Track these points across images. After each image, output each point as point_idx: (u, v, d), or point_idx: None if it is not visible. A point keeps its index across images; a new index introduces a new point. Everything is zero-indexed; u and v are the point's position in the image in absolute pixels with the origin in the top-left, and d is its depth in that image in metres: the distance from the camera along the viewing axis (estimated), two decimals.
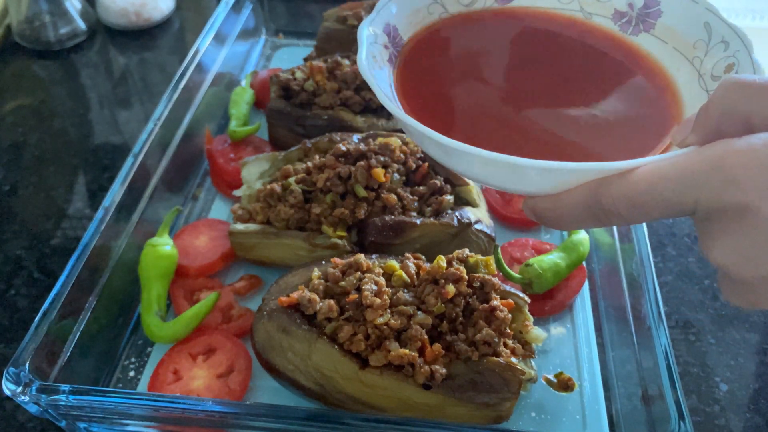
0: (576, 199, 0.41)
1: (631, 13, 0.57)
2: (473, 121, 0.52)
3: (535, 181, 0.43)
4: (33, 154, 1.06)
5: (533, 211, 0.45)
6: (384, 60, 0.53)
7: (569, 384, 0.68)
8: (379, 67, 0.52)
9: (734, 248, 0.36)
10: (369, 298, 0.63)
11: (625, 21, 0.57)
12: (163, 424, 0.64)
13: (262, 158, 0.87)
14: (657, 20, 0.56)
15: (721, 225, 0.37)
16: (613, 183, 0.39)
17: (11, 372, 0.60)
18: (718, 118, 0.38)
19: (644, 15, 0.57)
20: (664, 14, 0.55)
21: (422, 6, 0.57)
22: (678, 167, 0.37)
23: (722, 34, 0.50)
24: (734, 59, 0.49)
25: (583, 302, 0.81)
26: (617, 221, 0.41)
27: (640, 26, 0.57)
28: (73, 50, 1.29)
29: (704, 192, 0.36)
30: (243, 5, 1.19)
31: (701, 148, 0.38)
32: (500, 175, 0.43)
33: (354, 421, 0.58)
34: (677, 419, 0.58)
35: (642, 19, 0.57)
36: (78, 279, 0.69)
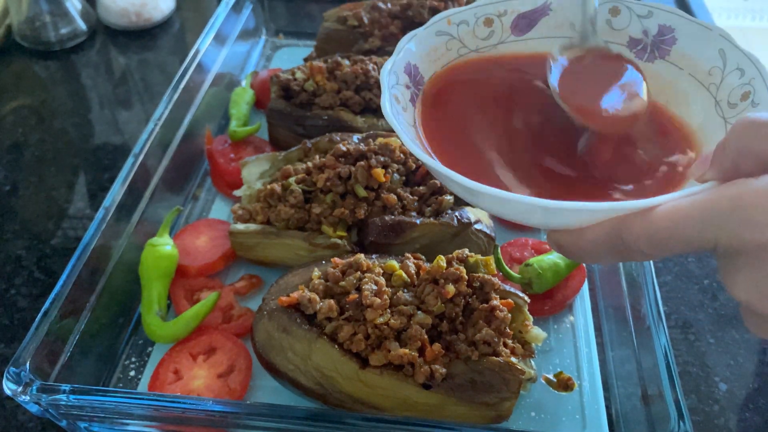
0: (599, 236, 0.43)
1: (646, 40, 0.58)
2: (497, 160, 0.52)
3: (560, 219, 0.44)
4: (33, 154, 1.06)
5: (556, 244, 0.46)
6: (407, 100, 0.54)
7: (569, 384, 0.68)
8: (403, 108, 0.53)
9: (755, 285, 0.37)
10: (369, 298, 0.63)
11: (640, 48, 0.58)
12: (164, 424, 0.64)
13: (263, 158, 0.87)
14: (672, 47, 0.56)
15: (741, 262, 0.38)
16: (634, 221, 0.40)
17: (12, 372, 0.60)
18: (735, 156, 0.39)
19: (659, 42, 0.57)
20: (679, 41, 0.56)
21: (440, 43, 0.58)
22: (698, 207, 0.38)
23: (737, 61, 0.51)
24: (750, 87, 0.50)
25: (583, 302, 0.81)
26: (639, 257, 0.42)
27: (656, 53, 0.57)
28: (74, 50, 1.29)
29: (724, 231, 0.37)
30: (243, 5, 1.19)
31: (720, 186, 0.39)
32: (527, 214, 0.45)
33: (354, 421, 0.58)
34: (677, 419, 0.58)
35: (657, 46, 0.57)
36: (78, 279, 0.69)
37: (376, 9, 1.07)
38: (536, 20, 0.60)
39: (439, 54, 0.58)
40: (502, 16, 0.60)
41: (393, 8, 1.06)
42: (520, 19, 0.60)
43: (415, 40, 0.56)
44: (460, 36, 0.59)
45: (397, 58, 0.54)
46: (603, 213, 0.42)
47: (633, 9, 0.58)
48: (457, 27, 0.59)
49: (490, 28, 0.60)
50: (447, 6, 1.03)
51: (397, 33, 1.04)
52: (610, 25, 0.59)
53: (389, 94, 0.51)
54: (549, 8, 0.60)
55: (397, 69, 0.54)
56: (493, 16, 0.59)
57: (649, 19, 0.57)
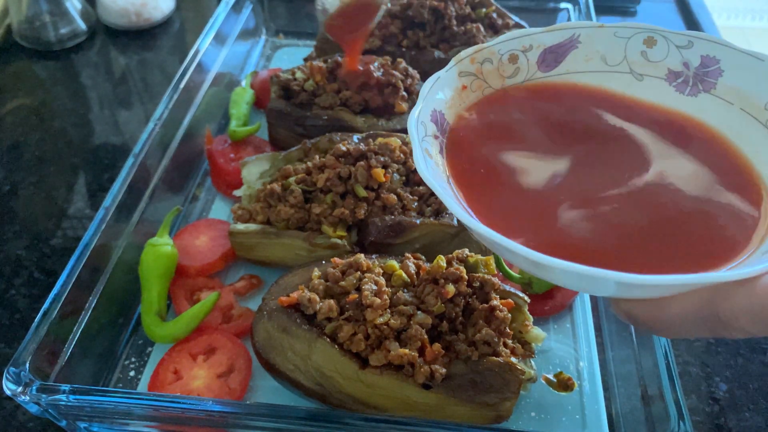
0: (686, 309, 0.38)
1: (687, 72, 0.54)
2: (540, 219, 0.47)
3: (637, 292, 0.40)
4: (33, 154, 1.06)
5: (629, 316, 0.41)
6: (436, 152, 0.50)
7: (569, 384, 0.68)
8: (435, 162, 0.49)
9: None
10: (369, 298, 0.63)
11: (681, 81, 0.54)
12: (164, 424, 0.64)
13: (262, 158, 0.87)
14: (718, 80, 0.52)
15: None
16: (732, 294, 0.36)
17: (12, 372, 0.60)
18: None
19: (702, 74, 0.53)
20: (726, 73, 0.52)
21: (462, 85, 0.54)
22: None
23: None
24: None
25: (583, 302, 0.81)
26: (738, 334, 0.37)
27: (699, 86, 0.53)
28: (74, 50, 1.29)
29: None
30: (243, 5, 1.19)
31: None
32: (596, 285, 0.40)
33: (354, 421, 0.58)
34: (677, 419, 0.58)
35: (700, 78, 0.53)
36: (78, 279, 0.69)
37: None
38: (564, 54, 0.56)
39: (463, 97, 0.54)
40: (527, 51, 0.56)
41: (393, 8, 1.06)
42: (547, 54, 0.56)
43: (438, 83, 0.53)
44: (484, 75, 0.55)
45: (422, 105, 0.51)
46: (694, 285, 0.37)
47: (670, 39, 0.54)
48: (481, 65, 0.55)
49: (516, 65, 0.56)
50: (447, 6, 1.03)
51: (396, 33, 1.04)
52: (645, 57, 0.55)
53: (421, 150, 0.47)
54: (578, 41, 0.56)
55: (423, 118, 0.50)
56: (518, 51, 0.56)
57: (690, 49, 0.53)
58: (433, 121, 0.52)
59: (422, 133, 0.50)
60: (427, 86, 0.52)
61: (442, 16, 1.03)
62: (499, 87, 0.56)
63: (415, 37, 1.04)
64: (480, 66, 0.55)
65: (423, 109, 0.51)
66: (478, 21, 1.05)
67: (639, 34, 0.54)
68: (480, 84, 0.55)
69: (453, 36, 1.03)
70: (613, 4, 1.41)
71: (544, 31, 0.56)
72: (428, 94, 0.52)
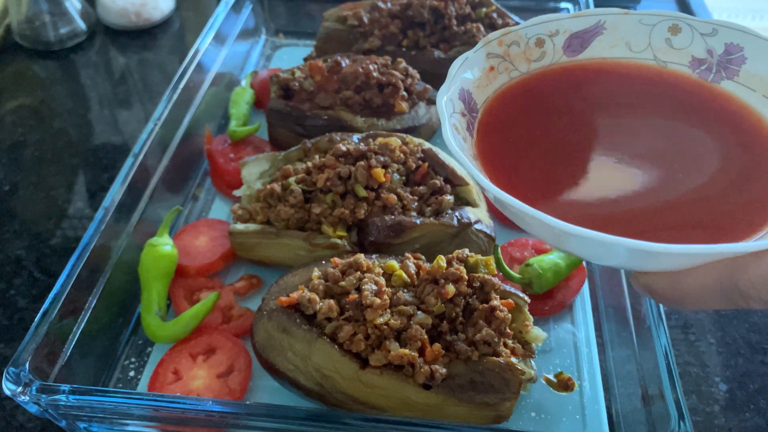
0: (705, 281, 0.38)
1: (711, 59, 0.54)
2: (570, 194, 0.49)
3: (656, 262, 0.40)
4: (33, 154, 1.06)
5: (648, 289, 0.42)
6: (463, 128, 0.52)
7: (569, 384, 0.68)
8: (463, 138, 0.51)
9: None
10: (369, 298, 0.63)
11: (704, 68, 0.55)
12: (163, 424, 0.64)
13: (262, 158, 0.87)
14: (741, 67, 0.53)
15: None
16: (752, 265, 0.36)
17: (11, 372, 0.60)
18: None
19: (726, 62, 0.54)
20: (749, 60, 0.53)
21: (490, 66, 0.55)
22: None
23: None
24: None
25: (583, 302, 0.81)
26: (756, 305, 0.38)
27: (722, 73, 0.54)
28: (73, 50, 1.29)
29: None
30: (243, 5, 1.19)
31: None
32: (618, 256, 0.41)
33: (354, 421, 0.58)
34: (677, 419, 0.58)
35: (723, 66, 0.54)
36: (78, 279, 0.69)
37: (376, 9, 1.07)
38: (590, 40, 0.57)
39: (490, 78, 0.55)
40: (553, 36, 0.57)
41: (393, 8, 1.06)
42: (572, 39, 0.57)
43: (466, 63, 0.54)
44: (511, 58, 0.56)
45: (451, 84, 0.52)
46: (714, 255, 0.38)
47: (695, 27, 0.54)
48: (508, 48, 0.56)
49: (542, 49, 0.57)
50: (447, 6, 1.03)
51: (396, 33, 1.04)
52: (669, 44, 0.56)
53: (449, 125, 0.49)
54: (603, 27, 0.57)
55: (452, 96, 0.52)
56: (545, 36, 0.57)
57: (714, 37, 0.54)
58: (461, 99, 0.53)
59: (450, 109, 0.51)
60: (455, 66, 0.53)
61: (442, 16, 1.03)
62: (525, 70, 0.57)
63: (415, 37, 1.04)
64: (507, 48, 0.57)
65: (451, 87, 0.52)
66: (478, 21, 1.05)
67: (664, 22, 0.55)
68: (507, 66, 0.57)
69: (453, 36, 1.03)
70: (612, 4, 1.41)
71: (571, 17, 0.57)
72: (456, 73, 0.53)
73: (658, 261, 0.40)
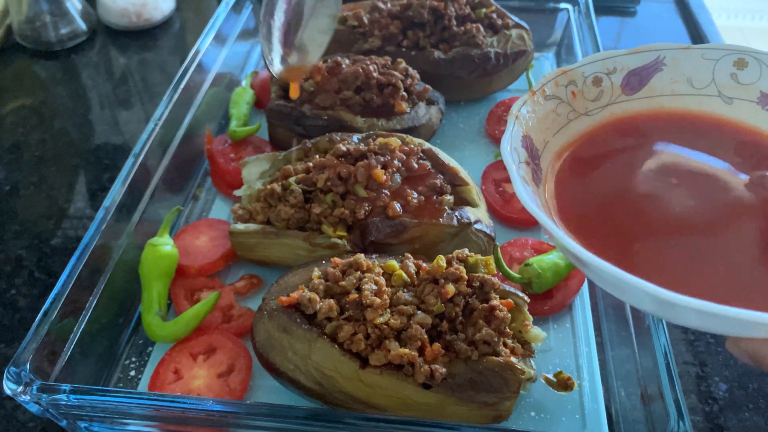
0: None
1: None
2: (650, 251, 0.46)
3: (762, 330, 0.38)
4: (34, 154, 1.06)
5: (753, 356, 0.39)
6: (530, 179, 0.50)
7: (569, 383, 0.68)
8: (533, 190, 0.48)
9: None
10: (369, 298, 0.63)
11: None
12: (164, 424, 0.64)
13: (263, 158, 0.87)
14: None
15: None
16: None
17: (12, 371, 0.60)
18: None
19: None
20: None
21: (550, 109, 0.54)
22: None
23: None
24: None
25: (583, 302, 0.81)
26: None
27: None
28: (74, 50, 1.29)
29: None
30: (243, 5, 1.19)
31: None
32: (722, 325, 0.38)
33: (354, 421, 0.59)
34: (676, 418, 0.58)
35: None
36: (79, 279, 0.69)
37: (376, 9, 1.07)
38: (649, 77, 0.55)
39: (549, 121, 0.54)
40: (611, 74, 0.55)
41: (393, 8, 1.06)
42: (631, 77, 0.55)
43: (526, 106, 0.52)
44: (569, 99, 0.55)
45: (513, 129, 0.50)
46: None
47: (763, 61, 0.52)
48: (566, 88, 0.55)
49: (599, 88, 0.55)
50: (447, 6, 1.03)
51: (396, 33, 1.04)
52: (735, 80, 0.53)
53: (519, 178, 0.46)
54: (663, 63, 0.55)
55: (516, 144, 0.49)
56: (602, 74, 0.55)
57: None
58: (525, 147, 0.51)
59: (516, 159, 0.49)
60: (515, 110, 0.51)
61: (441, 16, 1.03)
62: (583, 111, 0.56)
63: (415, 37, 1.04)
64: (564, 89, 0.55)
65: (514, 134, 0.50)
66: (478, 21, 1.05)
67: (729, 56, 0.53)
68: (565, 108, 0.55)
69: (453, 36, 1.03)
70: (612, 4, 1.42)
71: (629, 53, 0.55)
72: (517, 118, 0.51)
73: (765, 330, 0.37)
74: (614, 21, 1.40)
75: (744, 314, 0.35)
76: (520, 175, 0.47)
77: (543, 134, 0.53)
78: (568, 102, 0.55)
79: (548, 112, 0.54)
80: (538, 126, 0.53)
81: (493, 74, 1.04)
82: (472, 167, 0.91)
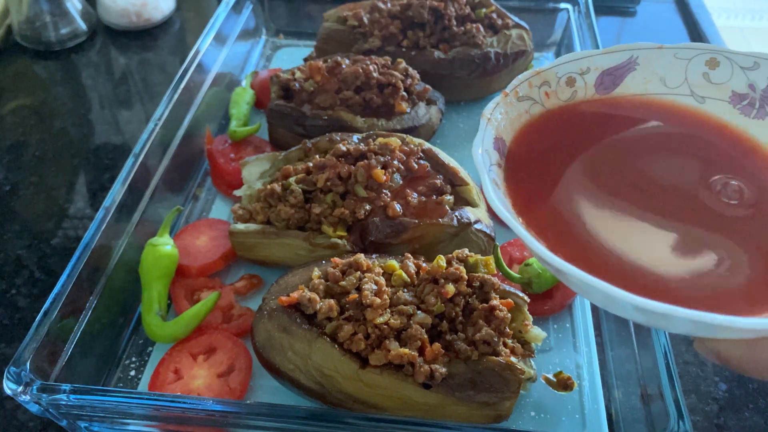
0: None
1: (754, 94, 0.52)
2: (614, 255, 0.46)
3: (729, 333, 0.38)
4: (34, 154, 1.06)
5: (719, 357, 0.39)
6: (501, 181, 0.50)
7: (569, 383, 0.68)
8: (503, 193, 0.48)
9: None
10: (369, 298, 0.63)
11: (746, 104, 0.53)
12: (164, 424, 0.64)
13: (263, 158, 0.87)
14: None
15: None
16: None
17: (12, 371, 0.60)
18: None
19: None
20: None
21: (523, 110, 0.54)
22: None
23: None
24: None
25: (583, 302, 0.81)
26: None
27: (766, 108, 0.52)
28: (74, 50, 1.29)
29: None
30: (243, 6, 1.19)
31: None
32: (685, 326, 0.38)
33: (354, 421, 0.59)
34: (676, 418, 0.58)
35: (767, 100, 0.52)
36: (79, 279, 0.69)
37: (376, 9, 1.07)
38: (622, 76, 0.56)
39: (522, 122, 0.54)
40: (585, 74, 0.55)
41: (393, 8, 1.06)
42: (604, 76, 0.56)
43: (497, 109, 0.52)
44: (541, 99, 0.55)
45: (485, 132, 0.50)
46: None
47: (735, 60, 0.52)
48: (539, 89, 0.55)
49: (573, 88, 0.56)
50: (447, 6, 1.04)
51: (396, 33, 1.04)
52: (707, 79, 0.53)
53: (490, 181, 0.46)
54: (636, 63, 0.55)
55: (487, 146, 0.49)
56: (575, 74, 0.55)
57: (756, 71, 0.52)
58: (496, 149, 0.51)
59: (487, 162, 0.49)
60: (487, 112, 0.51)
61: (441, 17, 1.03)
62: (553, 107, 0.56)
63: (415, 37, 1.04)
64: (538, 89, 0.55)
65: (486, 137, 0.50)
66: (477, 21, 1.06)
67: (701, 56, 0.53)
68: (538, 108, 0.55)
69: (453, 36, 1.03)
70: (612, 4, 1.42)
71: (602, 53, 0.56)
72: (489, 120, 0.51)
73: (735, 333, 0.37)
74: (614, 21, 1.40)
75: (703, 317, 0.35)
76: (491, 178, 0.47)
77: (512, 131, 0.53)
78: (541, 103, 0.55)
79: (521, 113, 0.54)
80: (510, 127, 0.53)
81: (493, 74, 1.04)
82: (472, 167, 0.91)
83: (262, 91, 1.08)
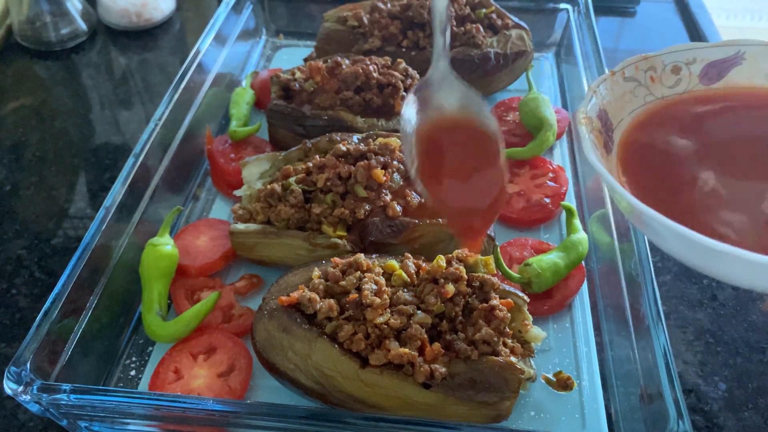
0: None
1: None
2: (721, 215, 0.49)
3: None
4: (34, 154, 1.06)
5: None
6: (600, 145, 0.54)
7: (568, 383, 0.68)
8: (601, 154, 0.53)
9: None
10: (369, 298, 0.63)
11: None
12: (164, 423, 0.64)
13: (263, 158, 0.87)
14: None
15: None
16: None
17: (13, 371, 0.60)
18: None
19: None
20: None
21: (628, 90, 0.57)
22: None
23: None
24: None
25: (582, 302, 0.81)
26: None
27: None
28: (74, 50, 1.29)
29: None
30: (243, 6, 1.19)
31: None
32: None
33: (354, 420, 0.59)
34: (676, 418, 0.58)
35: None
36: (79, 278, 0.69)
37: (376, 9, 1.07)
38: (727, 69, 0.58)
39: (626, 100, 0.57)
40: (690, 64, 0.58)
41: (393, 8, 1.06)
42: (709, 68, 0.58)
43: (604, 84, 0.56)
44: (647, 83, 0.58)
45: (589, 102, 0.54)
46: None
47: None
48: (645, 73, 0.58)
49: (678, 76, 0.58)
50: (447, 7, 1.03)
51: (396, 33, 1.04)
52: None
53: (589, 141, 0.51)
54: (742, 57, 0.57)
55: (590, 113, 0.54)
56: (682, 63, 0.58)
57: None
58: (599, 118, 0.55)
59: (589, 126, 0.53)
60: (595, 85, 0.55)
61: None
62: (659, 96, 0.59)
63: (415, 37, 1.04)
64: (644, 73, 0.58)
65: (590, 105, 0.54)
66: (477, 21, 1.06)
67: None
68: (643, 91, 0.58)
69: (453, 36, 1.03)
70: (612, 4, 1.42)
71: (710, 46, 0.58)
72: (595, 93, 0.55)
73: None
74: (614, 21, 1.40)
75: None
76: (590, 139, 0.52)
77: (619, 111, 0.57)
78: (646, 86, 0.58)
79: (625, 92, 0.58)
80: (614, 104, 0.57)
81: (493, 74, 1.04)
82: None
83: (262, 91, 1.08)
